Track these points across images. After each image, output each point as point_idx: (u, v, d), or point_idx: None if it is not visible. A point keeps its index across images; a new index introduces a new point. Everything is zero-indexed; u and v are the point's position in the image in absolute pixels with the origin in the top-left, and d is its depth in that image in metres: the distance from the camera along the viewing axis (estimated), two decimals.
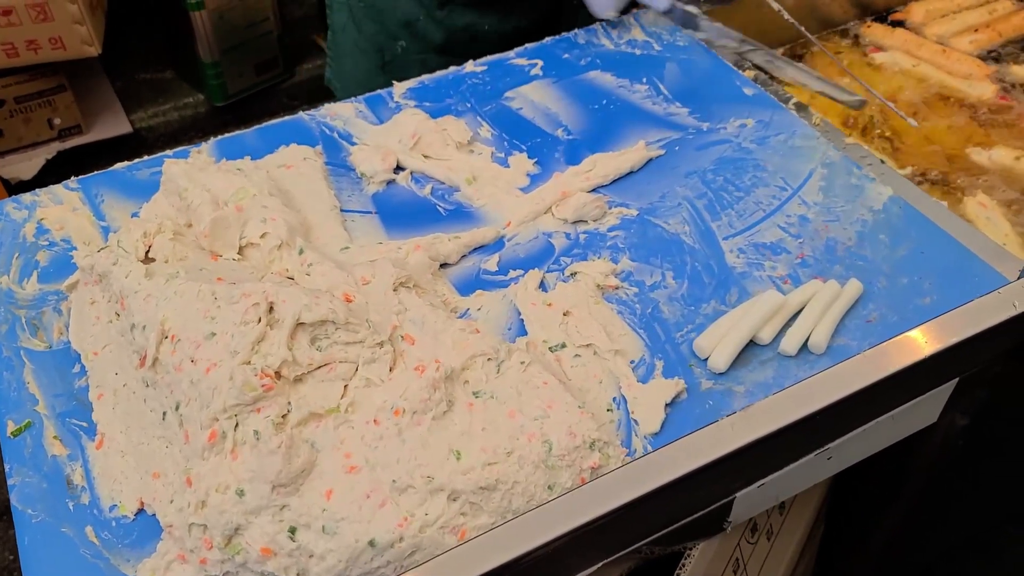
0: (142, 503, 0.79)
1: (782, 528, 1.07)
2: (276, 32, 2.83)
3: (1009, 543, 1.54)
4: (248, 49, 2.80)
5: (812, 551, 1.33)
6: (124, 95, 2.87)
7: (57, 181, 1.10)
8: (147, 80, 3.02)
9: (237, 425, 0.74)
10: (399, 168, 1.11)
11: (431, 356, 0.81)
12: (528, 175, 1.10)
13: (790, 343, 0.88)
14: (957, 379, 0.92)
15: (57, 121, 2.63)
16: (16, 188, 2.50)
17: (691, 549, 0.91)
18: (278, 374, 0.77)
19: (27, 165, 2.59)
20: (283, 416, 0.75)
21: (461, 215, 1.06)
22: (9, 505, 0.80)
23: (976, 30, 1.53)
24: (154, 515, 0.78)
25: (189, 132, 2.89)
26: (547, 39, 1.32)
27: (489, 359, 0.82)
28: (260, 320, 0.78)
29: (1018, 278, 0.91)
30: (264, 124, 1.18)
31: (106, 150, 2.73)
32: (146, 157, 1.12)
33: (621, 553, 0.78)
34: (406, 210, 1.07)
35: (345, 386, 0.79)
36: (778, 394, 0.77)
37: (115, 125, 2.76)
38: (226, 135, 1.15)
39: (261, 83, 2.91)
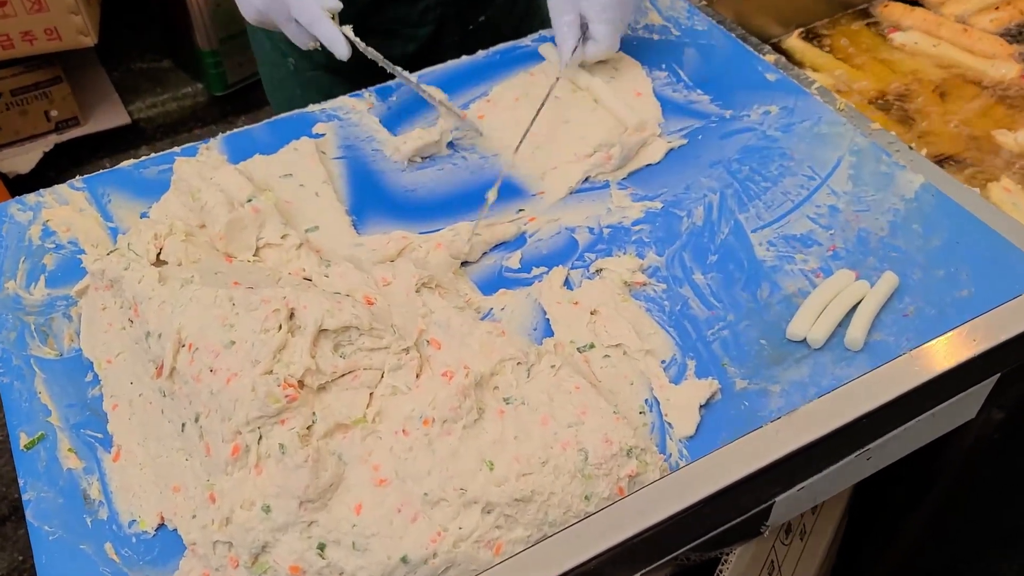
0: (162, 518, 0.76)
1: (814, 528, 1.05)
2: None
3: None
4: (247, 37, 2.74)
5: (836, 546, 1.31)
6: (121, 86, 2.83)
7: (56, 174, 1.08)
8: (145, 70, 2.97)
9: (261, 438, 0.71)
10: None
11: (458, 361, 0.78)
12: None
13: (818, 334, 0.86)
14: (999, 375, 0.89)
15: (54, 113, 2.59)
16: (14, 182, 2.46)
17: (728, 554, 0.89)
18: (301, 383, 0.74)
19: (25, 159, 2.55)
20: (308, 428, 0.72)
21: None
22: (17, 506, 0.77)
23: (997, 7, 1.49)
24: (175, 530, 0.75)
25: (189, 122, 2.85)
26: None
27: (519, 363, 0.79)
28: (281, 327, 0.75)
29: None
30: (273, 119, 1.14)
31: (104, 142, 2.69)
32: (153, 155, 1.09)
33: (660, 562, 0.75)
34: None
35: (371, 394, 0.76)
36: (822, 398, 0.75)
37: (113, 116, 2.72)
38: (234, 131, 1.12)
39: None
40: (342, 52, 1.05)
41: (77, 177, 1.06)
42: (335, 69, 1.26)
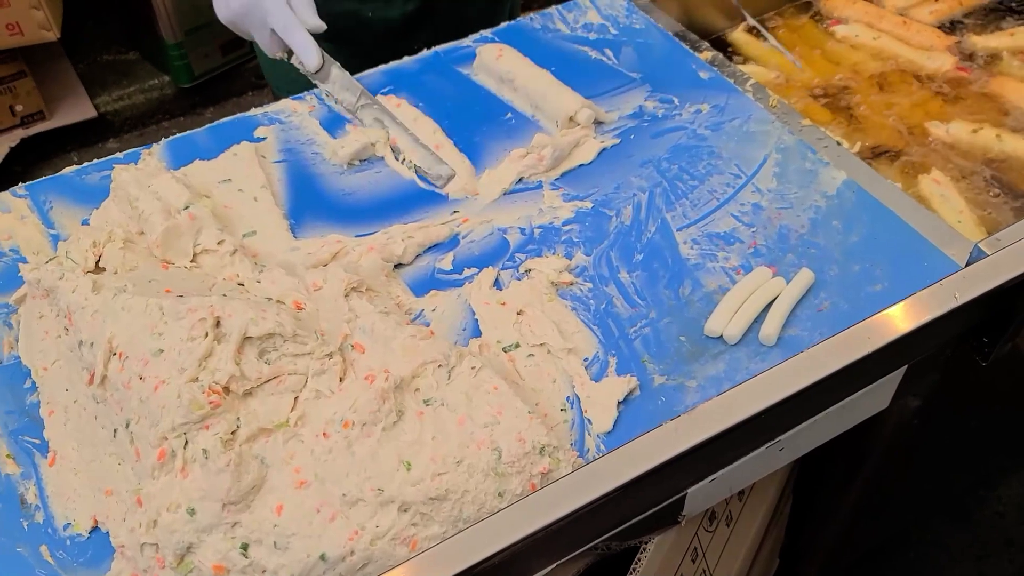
0: (96, 520, 0.79)
1: (742, 513, 1.08)
2: None
3: (978, 506, 1.57)
4: (212, 29, 2.75)
5: (780, 525, 1.35)
6: (87, 79, 2.82)
7: (23, 168, 1.09)
8: (110, 62, 2.96)
9: (186, 443, 0.74)
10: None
11: (381, 365, 0.81)
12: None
13: (734, 330, 0.89)
14: (906, 366, 0.93)
15: (19, 108, 2.58)
16: None
17: (647, 543, 0.92)
18: (227, 389, 0.77)
19: None
20: (232, 432, 0.75)
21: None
22: None
23: (936, 0, 1.52)
24: (108, 532, 0.78)
25: (156, 115, 2.85)
26: (503, 23, 1.30)
27: (440, 366, 0.82)
28: (207, 335, 0.78)
29: (966, 264, 0.92)
30: (215, 123, 1.16)
31: (71, 136, 2.69)
32: (96, 160, 1.11)
33: (575, 553, 0.79)
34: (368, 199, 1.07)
35: (295, 398, 0.79)
36: (725, 393, 0.78)
37: (79, 110, 2.72)
38: (177, 135, 1.13)
39: (227, 63, 2.86)
40: (313, 62, 1.09)
41: (20, 184, 1.08)
42: (347, 40, 1.27)
